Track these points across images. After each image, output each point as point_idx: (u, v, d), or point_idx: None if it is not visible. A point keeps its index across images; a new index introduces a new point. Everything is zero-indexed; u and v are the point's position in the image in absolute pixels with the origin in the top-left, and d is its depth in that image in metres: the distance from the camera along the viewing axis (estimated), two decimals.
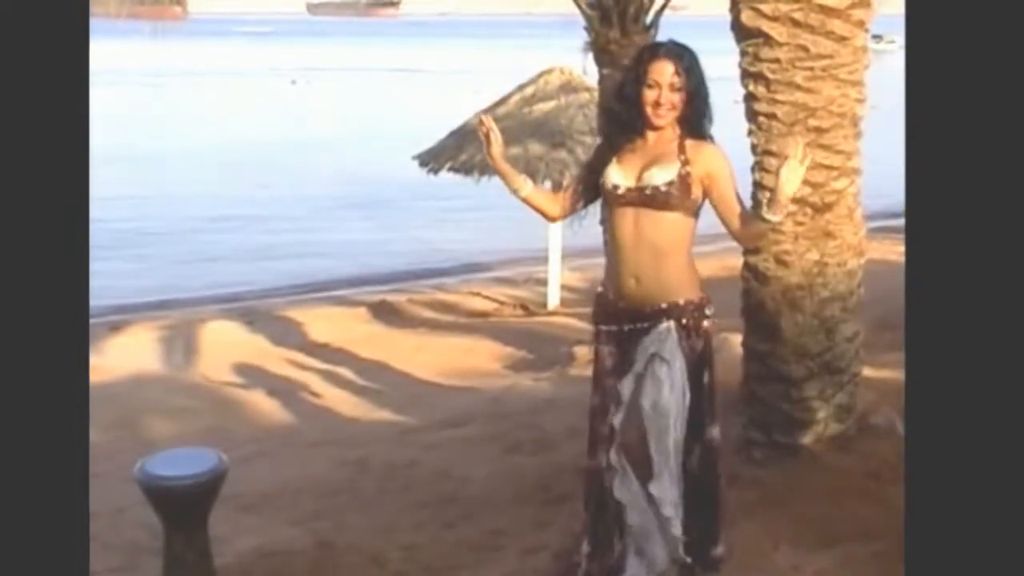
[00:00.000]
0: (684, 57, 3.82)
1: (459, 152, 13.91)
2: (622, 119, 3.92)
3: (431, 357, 10.76)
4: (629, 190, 3.86)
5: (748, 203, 5.29)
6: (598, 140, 4.55)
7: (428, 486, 5.80)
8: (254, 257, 19.00)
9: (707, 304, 3.94)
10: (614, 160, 3.93)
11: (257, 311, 14.50)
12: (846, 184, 5.12)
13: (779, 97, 5.05)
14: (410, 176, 15.86)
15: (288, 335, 12.66)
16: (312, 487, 6.00)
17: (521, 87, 14.49)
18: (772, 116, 5.08)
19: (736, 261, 5.52)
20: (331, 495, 5.82)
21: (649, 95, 3.81)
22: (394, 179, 23.20)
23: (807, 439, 5.15)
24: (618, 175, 3.89)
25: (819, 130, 5.03)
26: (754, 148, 5.18)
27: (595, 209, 4.21)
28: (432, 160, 14.34)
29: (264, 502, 5.74)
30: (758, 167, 5.15)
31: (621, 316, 3.97)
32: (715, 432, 3.96)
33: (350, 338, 12.03)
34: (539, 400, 7.65)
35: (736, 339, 5.75)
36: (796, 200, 5.03)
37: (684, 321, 3.87)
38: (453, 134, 14.40)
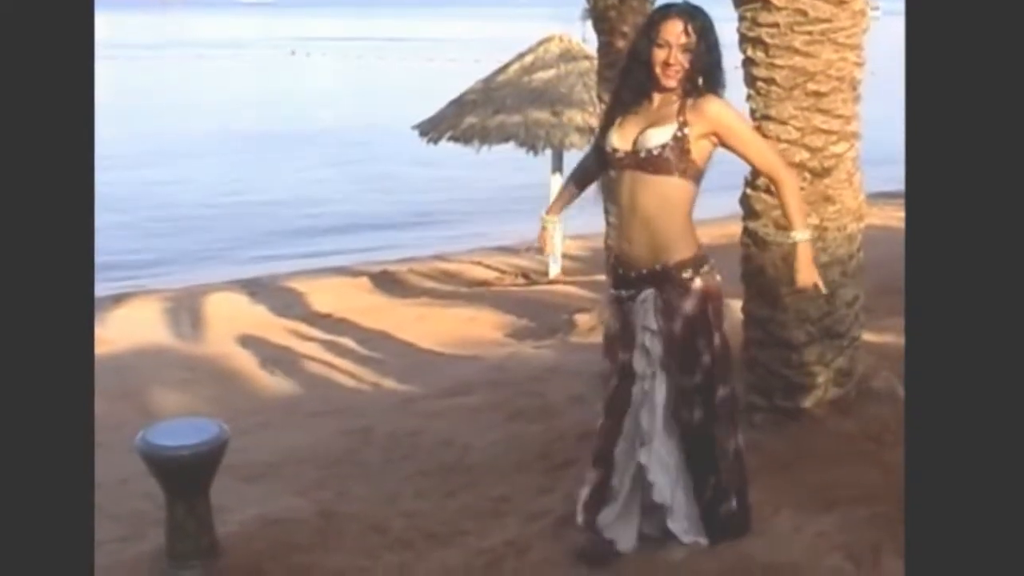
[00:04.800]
0: (696, 17, 3.74)
1: (459, 121, 13.87)
2: (633, 80, 3.88)
3: (433, 326, 10.77)
4: (626, 154, 3.82)
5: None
6: (604, 105, 4.54)
7: (431, 454, 5.80)
8: (255, 228, 18.97)
9: (691, 264, 3.80)
10: (617, 123, 3.89)
11: (260, 282, 14.51)
12: (845, 148, 5.08)
13: (778, 62, 5.00)
14: (410, 146, 15.83)
15: (291, 306, 12.67)
16: (315, 457, 6.00)
17: (521, 56, 14.44)
18: (771, 81, 5.03)
19: (736, 228, 5.49)
20: (334, 464, 5.83)
21: (659, 54, 3.74)
22: (394, 149, 23.14)
23: (808, 403, 5.14)
24: (617, 138, 3.86)
25: (818, 94, 4.99)
26: (753, 113, 5.13)
27: None
28: (432, 129, 14.30)
29: (267, 472, 5.74)
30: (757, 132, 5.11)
31: (619, 281, 3.97)
32: (722, 393, 3.91)
33: (352, 308, 12.04)
34: (541, 368, 7.65)
35: (736, 305, 5.73)
36: (795, 165, 5.01)
37: (669, 285, 3.80)
38: (453, 103, 14.35)
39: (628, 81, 3.91)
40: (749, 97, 5.15)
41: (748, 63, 5.13)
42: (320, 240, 18.07)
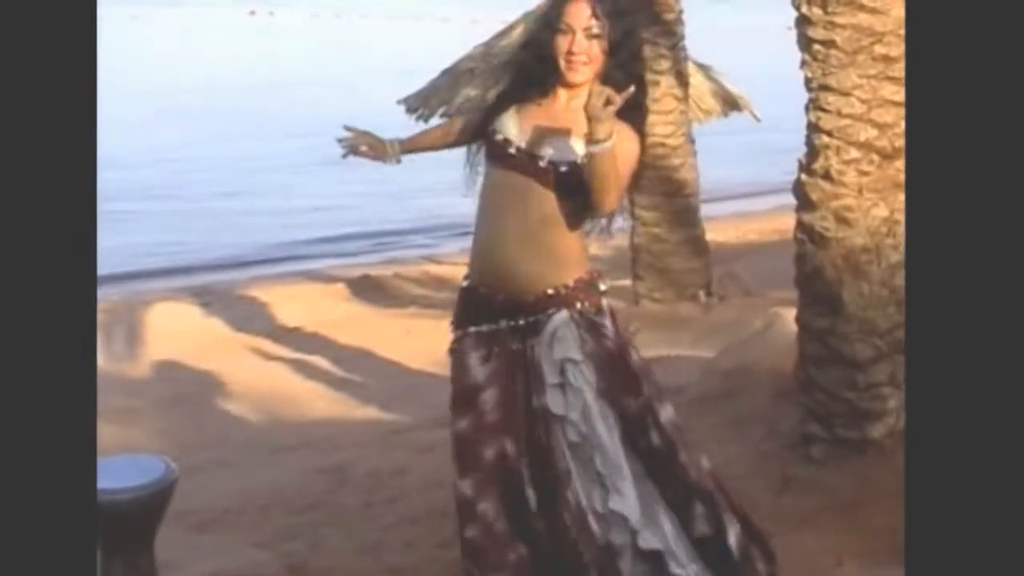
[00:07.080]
0: None
1: (454, 94, 13.85)
2: (531, 73, 3.82)
3: (423, 342, 10.74)
4: (520, 151, 3.74)
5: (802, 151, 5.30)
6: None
7: (420, 497, 5.80)
8: (209, 222, 19.00)
9: (598, 278, 3.83)
10: (513, 109, 3.82)
11: (214, 290, 14.52)
12: None
13: (839, 19, 5.01)
14: (395, 124, 15.82)
15: (252, 318, 12.68)
16: (281, 501, 6.01)
17: (527, 14, 14.44)
18: (830, 43, 5.04)
19: (789, 222, 5.49)
20: (304, 510, 5.84)
21: (561, 43, 3.68)
22: (376, 127, 23.10)
23: (876, 433, 5.14)
24: (513, 128, 3.78)
25: (887, 59, 4.99)
26: (808, 83, 5.14)
27: None
28: (422, 105, 14.27)
29: (223, 519, 5.75)
30: (813, 105, 5.12)
31: (496, 311, 3.83)
32: (665, 414, 3.83)
33: (326, 321, 12.04)
34: None
35: (789, 314, 5.74)
36: (860, 145, 5.02)
37: (579, 305, 3.75)
38: (446, 72, 14.35)
39: (519, 78, 3.86)
40: (803, 63, 5.15)
41: (802, 22, 5.13)
42: (285, 234, 18.09)
